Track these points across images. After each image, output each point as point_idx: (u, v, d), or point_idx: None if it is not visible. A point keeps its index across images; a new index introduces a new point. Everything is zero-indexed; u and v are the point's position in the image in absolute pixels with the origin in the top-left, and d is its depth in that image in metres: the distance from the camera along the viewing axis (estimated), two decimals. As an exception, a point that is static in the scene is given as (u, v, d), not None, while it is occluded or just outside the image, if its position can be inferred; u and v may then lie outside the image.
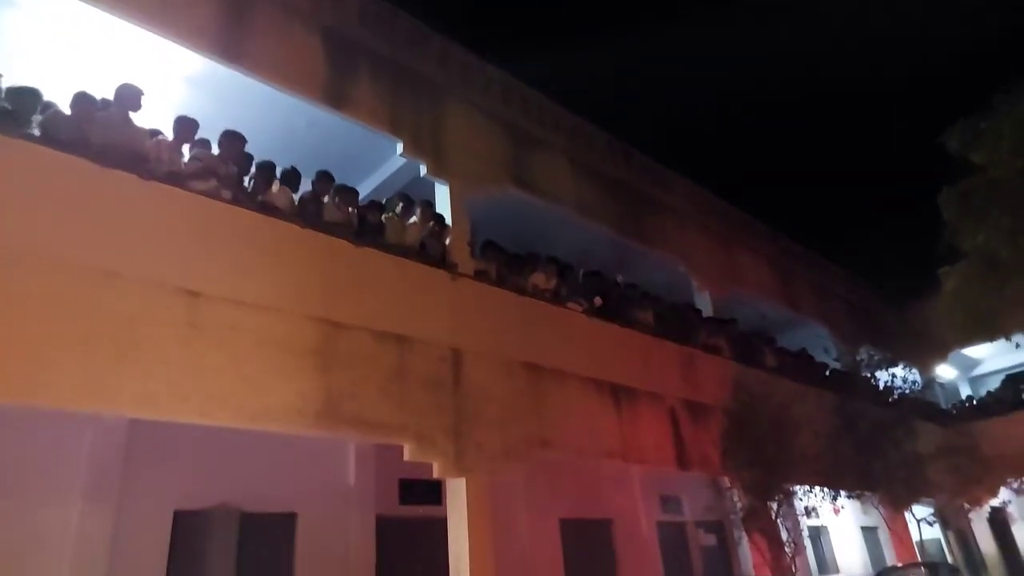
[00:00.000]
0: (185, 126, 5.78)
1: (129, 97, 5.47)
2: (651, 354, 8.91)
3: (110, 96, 5.46)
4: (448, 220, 7.20)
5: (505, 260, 7.73)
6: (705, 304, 10.73)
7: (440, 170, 7.40)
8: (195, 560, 6.20)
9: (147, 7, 5.62)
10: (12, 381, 4.23)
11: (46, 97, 5.14)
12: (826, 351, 13.13)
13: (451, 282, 6.86)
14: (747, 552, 9.48)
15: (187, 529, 6.19)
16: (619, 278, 9.78)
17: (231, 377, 5.12)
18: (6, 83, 5.04)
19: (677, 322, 9.82)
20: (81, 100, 5.20)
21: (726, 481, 9.23)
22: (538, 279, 7.83)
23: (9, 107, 4.85)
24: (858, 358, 12.76)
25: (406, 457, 5.95)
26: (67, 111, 5.16)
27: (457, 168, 7.56)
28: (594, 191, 9.45)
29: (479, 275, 7.21)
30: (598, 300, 8.69)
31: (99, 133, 5.15)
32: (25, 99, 5.02)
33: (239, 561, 6.41)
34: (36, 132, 4.84)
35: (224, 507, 6.42)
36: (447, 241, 7.08)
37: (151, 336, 4.81)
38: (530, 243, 8.54)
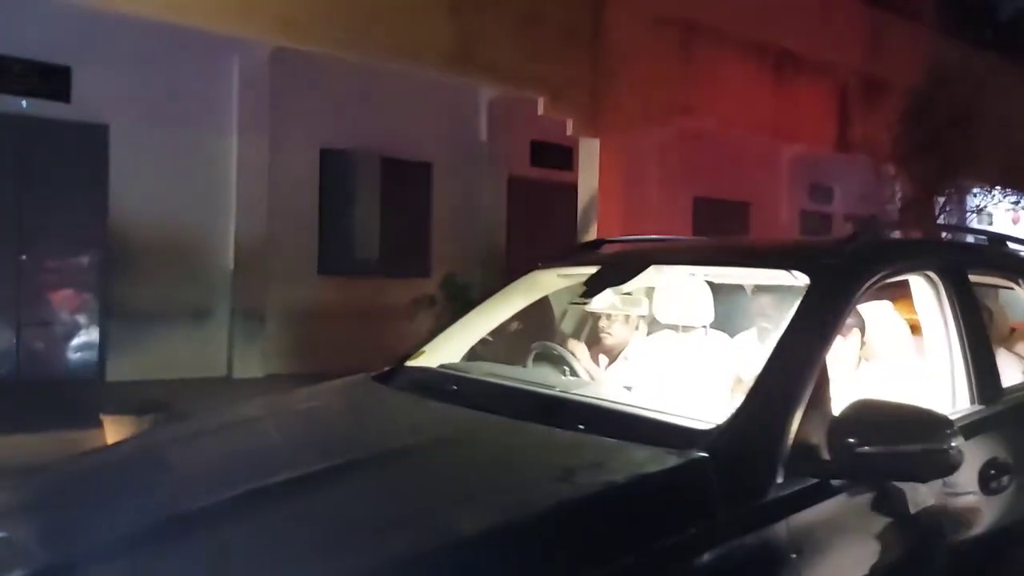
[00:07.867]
0: None
1: None
2: (831, 14, 8.16)
3: None
4: None
5: None
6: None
7: None
8: (343, 197, 7.21)
9: None
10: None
11: None
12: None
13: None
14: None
15: (334, 167, 7.10)
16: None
17: (366, 8, 5.39)
18: None
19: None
20: None
21: (890, 170, 8.98)
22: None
23: None
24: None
25: (540, 111, 6.24)
26: None
27: None
28: None
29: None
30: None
31: None
32: None
33: (382, 201, 7.39)
34: None
35: (366, 149, 7.21)
36: None
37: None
38: None
